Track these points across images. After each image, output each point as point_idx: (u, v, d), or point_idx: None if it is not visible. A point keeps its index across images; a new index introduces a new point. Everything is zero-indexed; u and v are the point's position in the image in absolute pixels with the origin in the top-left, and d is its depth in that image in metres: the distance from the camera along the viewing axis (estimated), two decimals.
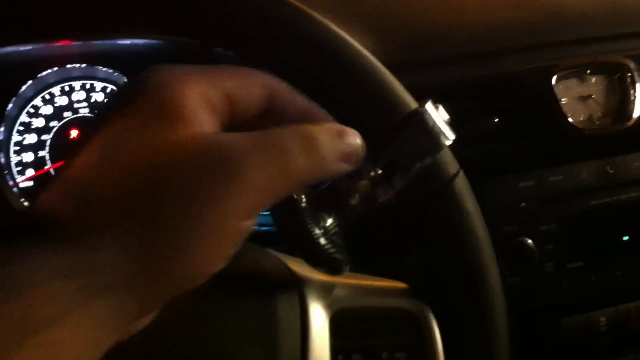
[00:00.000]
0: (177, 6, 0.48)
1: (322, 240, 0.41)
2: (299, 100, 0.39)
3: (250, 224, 0.32)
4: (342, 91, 0.53)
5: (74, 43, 0.77)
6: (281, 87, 0.38)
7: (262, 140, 0.33)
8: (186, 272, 0.31)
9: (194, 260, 0.30)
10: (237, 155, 0.31)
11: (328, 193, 0.43)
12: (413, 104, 0.51)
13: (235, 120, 0.36)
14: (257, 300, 0.49)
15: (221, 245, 0.31)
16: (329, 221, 0.42)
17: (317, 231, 0.40)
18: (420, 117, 0.46)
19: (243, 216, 0.31)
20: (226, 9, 0.52)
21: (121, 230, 0.29)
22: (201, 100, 0.33)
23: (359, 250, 0.64)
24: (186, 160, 0.31)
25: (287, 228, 0.42)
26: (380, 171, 0.44)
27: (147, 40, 0.78)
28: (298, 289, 0.50)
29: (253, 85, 0.36)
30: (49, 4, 0.52)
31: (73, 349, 0.27)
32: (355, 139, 0.38)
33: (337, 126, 0.38)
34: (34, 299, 0.26)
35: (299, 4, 0.51)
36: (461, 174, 0.49)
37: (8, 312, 0.25)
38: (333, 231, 0.42)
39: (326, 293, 0.50)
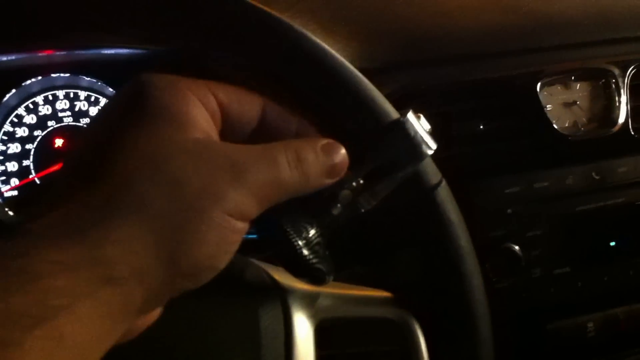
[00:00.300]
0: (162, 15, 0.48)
1: (305, 251, 0.40)
2: (291, 118, 0.42)
3: (246, 227, 0.35)
4: (324, 101, 0.53)
5: (58, 52, 0.77)
6: (275, 104, 0.41)
7: (259, 152, 0.35)
8: (196, 264, 0.32)
9: (201, 252, 0.32)
10: (240, 162, 0.34)
11: (310, 203, 0.42)
12: (394, 113, 0.51)
13: (227, 131, 0.38)
14: (241, 310, 0.49)
15: (225, 241, 0.33)
16: (312, 232, 0.41)
17: (300, 242, 0.40)
18: (402, 127, 0.46)
19: (241, 216, 0.34)
20: (205, 18, 0.52)
21: (130, 224, 0.30)
22: (199, 106, 0.35)
23: (342, 256, 0.64)
24: (195, 161, 0.33)
25: (270, 238, 0.42)
26: (362, 181, 0.43)
27: (131, 50, 0.77)
28: (281, 298, 0.50)
29: (246, 101, 0.39)
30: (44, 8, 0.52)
31: (78, 340, 0.28)
32: (340, 154, 0.40)
33: (324, 142, 0.40)
34: (39, 291, 0.27)
35: (280, 17, 0.51)
36: (444, 183, 0.48)
37: (13, 304, 0.26)
38: (315, 241, 0.41)
39: (310, 302, 0.50)
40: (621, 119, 0.86)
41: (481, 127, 0.83)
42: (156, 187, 0.31)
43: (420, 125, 0.48)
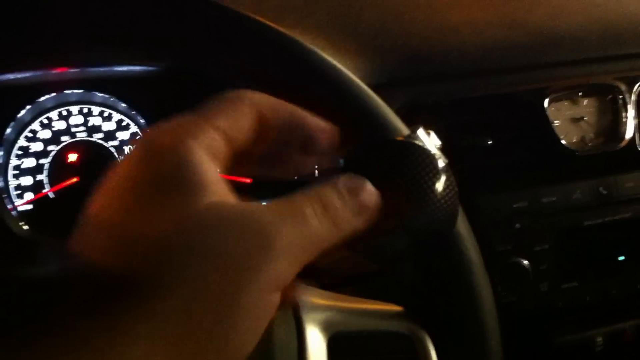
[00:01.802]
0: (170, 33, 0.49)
1: None
2: (288, 109, 0.39)
3: (279, 298, 0.32)
4: (333, 118, 0.54)
5: (71, 70, 0.78)
6: (268, 102, 0.37)
7: (283, 208, 0.32)
8: (227, 347, 0.29)
9: (235, 334, 0.29)
10: (265, 226, 0.30)
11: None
12: (405, 130, 0.52)
13: (234, 154, 0.35)
14: None
15: (259, 319, 0.30)
16: None
17: None
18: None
19: (275, 287, 0.30)
20: (218, 36, 0.53)
21: (155, 316, 0.27)
22: (209, 156, 0.32)
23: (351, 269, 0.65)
24: (218, 231, 0.29)
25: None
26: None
27: (142, 67, 0.78)
28: (295, 312, 0.50)
29: (242, 115, 0.35)
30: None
31: None
32: (366, 190, 0.38)
33: (346, 180, 0.38)
34: None
35: (291, 35, 0.52)
36: None
37: None
38: None
39: (323, 316, 0.51)
40: (628, 134, 0.87)
41: (489, 142, 0.84)
42: (184, 263, 0.28)
43: (430, 141, 0.49)
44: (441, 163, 0.47)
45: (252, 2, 0.78)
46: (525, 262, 0.78)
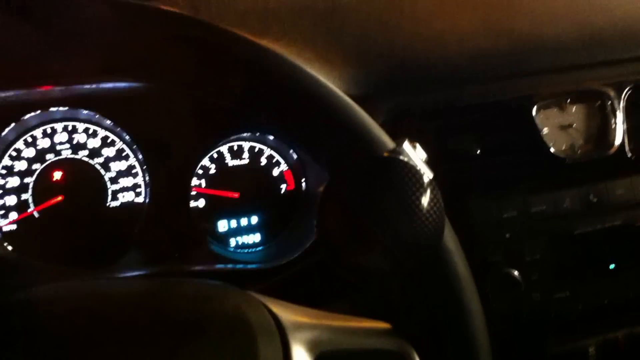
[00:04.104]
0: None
1: None
2: None
3: None
4: (320, 131, 0.53)
5: (56, 88, 0.77)
6: None
7: None
8: None
9: None
10: None
11: None
12: (390, 144, 0.52)
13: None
14: (239, 345, 0.49)
15: None
16: None
17: None
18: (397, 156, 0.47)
19: None
20: (205, 56, 0.53)
21: None
22: None
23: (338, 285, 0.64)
24: None
25: None
26: None
27: (127, 84, 0.78)
28: (280, 331, 0.49)
29: None
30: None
31: None
32: None
33: None
34: None
35: (274, 51, 0.52)
36: None
37: None
38: None
39: (309, 335, 0.50)
40: (617, 141, 0.87)
41: (478, 152, 0.84)
42: None
43: (416, 154, 0.49)
44: (426, 178, 0.46)
45: (236, 16, 0.77)
46: (516, 273, 0.78)
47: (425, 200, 0.45)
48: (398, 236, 0.45)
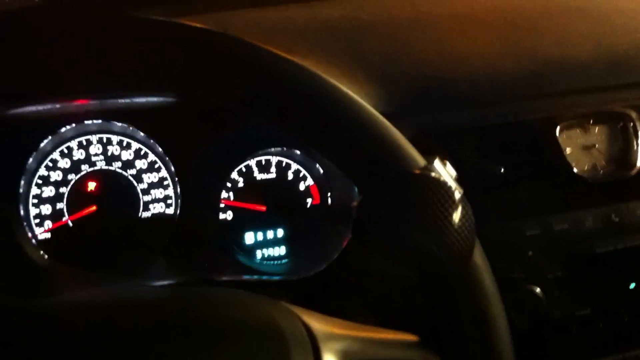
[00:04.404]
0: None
1: None
2: None
3: None
4: (352, 147, 0.55)
5: (91, 101, 0.80)
6: None
7: None
8: None
9: None
10: None
11: None
12: (421, 161, 0.54)
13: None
14: (272, 354, 0.50)
15: None
16: None
17: None
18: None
19: None
20: (239, 73, 0.55)
21: None
22: None
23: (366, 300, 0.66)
24: None
25: None
26: None
27: (160, 98, 0.80)
28: (312, 341, 0.51)
29: None
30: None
31: None
32: None
33: None
34: None
35: (309, 68, 0.53)
36: None
37: None
38: None
39: (340, 346, 0.51)
40: (639, 162, 0.88)
41: (502, 170, 0.85)
42: None
43: (446, 171, 0.51)
44: (457, 194, 0.48)
45: (263, 34, 0.79)
46: (538, 290, 0.79)
47: (457, 215, 0.47)
48: (431, 251, 0.46)
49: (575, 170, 0.86)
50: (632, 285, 0.85)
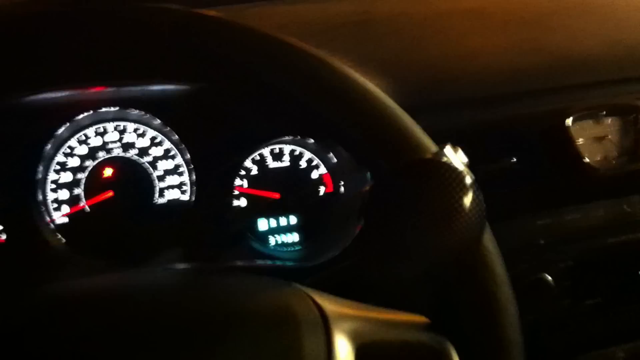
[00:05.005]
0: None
1: None
2: None
3: None
4: (365, 134, 0.56)
5: (107, 89, 0.81)
6: None
7: None
8: None
9: None
10: None
11: None
12: (433, 147, 0.54)
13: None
14: (284, 333, 0.51)
15: None
16: None
17: None
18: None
19: None
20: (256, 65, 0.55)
21: None
22: None
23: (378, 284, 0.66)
24: None
25: None
26: None
27: (176, 86, 0.81)
28: (324, 321, 0.51)
29: None
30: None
31: None
32: None
33: None
34: None
35: (331, 60, 0.54)
36: None
37: None
38: None
39: (351, 326, 0.52)
40: None
41: (514, 160, 0.85)
42: None
43: (457, 158, 0.51)
44: (468, 179, 0.49)
45: (274, 28, 0.80)
46: (550, 278, 0.79)
47: (467, 200, 0.47)
48: (442, 235, 0.47)
49: (587, 160, 0.86)
50: None
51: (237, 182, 0.90)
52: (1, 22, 0.55)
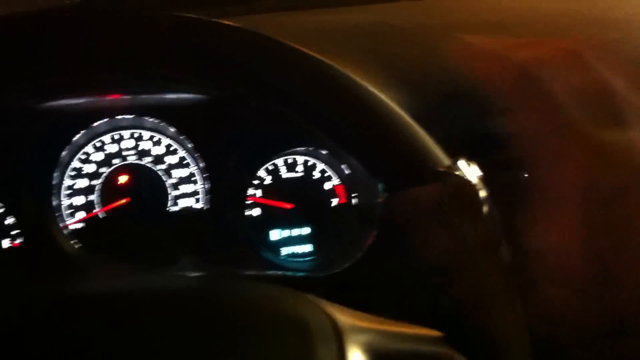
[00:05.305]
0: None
1: None
2: None
3: None
4: (378, 148, 0.56)
5: (124, 97, 0.82)
6: None
7: None
8: None
9: None
10: None
11: None
12: (446, 161, 0.54)
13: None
14: (296, 345, 0.51)
15: None
16: None
17: None
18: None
19: None
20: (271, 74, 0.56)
21: None
22: None
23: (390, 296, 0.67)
24: None
25: None
26: None
27: (191, 95, 0.81)
28: (337, 334, 0.51)
29: None
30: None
31: None
32: None
33: None
34: None
35: (345, 72, 0.55)
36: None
37: None
38: None
39: (364, 338, 0.52)
40: None
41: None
42: None
43: (471, 171, 0.51)
44: (482, 194, 0.49)
45: (291, 39, 0.80)
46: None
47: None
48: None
49: None
50: None
51: (251, 191, 0.91)
52: (19, 29, 0.56)
